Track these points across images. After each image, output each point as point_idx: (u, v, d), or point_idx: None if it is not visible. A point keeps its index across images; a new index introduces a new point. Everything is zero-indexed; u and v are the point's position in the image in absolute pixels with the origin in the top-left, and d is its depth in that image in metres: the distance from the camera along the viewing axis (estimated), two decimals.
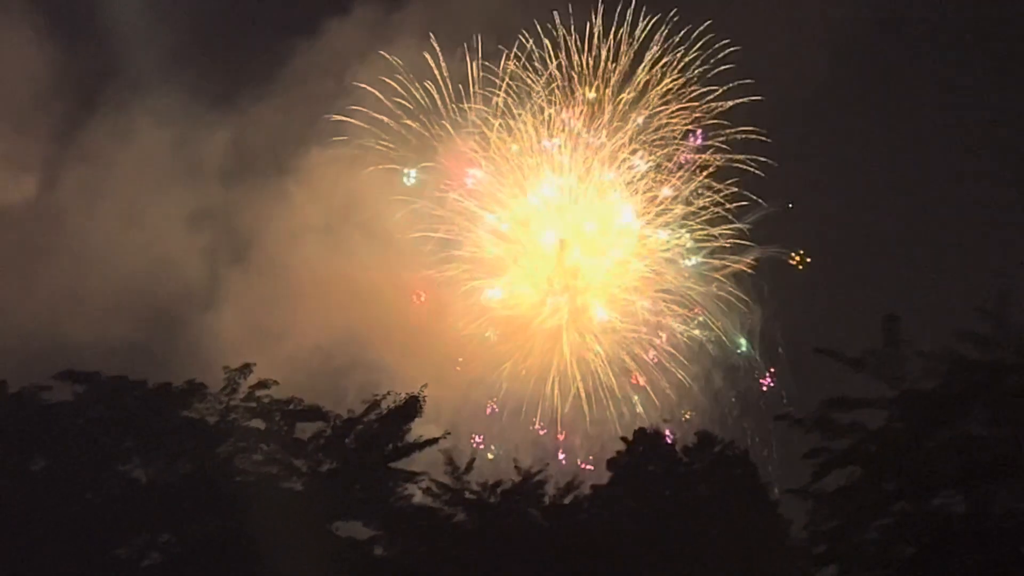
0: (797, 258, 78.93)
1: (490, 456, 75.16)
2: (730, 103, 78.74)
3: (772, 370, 77.81)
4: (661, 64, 79.59)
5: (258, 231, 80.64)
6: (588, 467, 74.28)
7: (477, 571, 44.98)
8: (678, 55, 79.46)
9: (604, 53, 79.22)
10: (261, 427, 47.17)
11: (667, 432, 50.25)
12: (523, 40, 79.18)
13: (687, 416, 76.36)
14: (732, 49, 79.10)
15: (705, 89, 79.42)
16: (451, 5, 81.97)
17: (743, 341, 78.29)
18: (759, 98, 78.04)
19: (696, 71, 79.21)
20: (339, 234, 78.74)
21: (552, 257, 78.80)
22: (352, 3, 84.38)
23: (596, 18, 79.33)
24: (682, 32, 79.64)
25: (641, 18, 79.49)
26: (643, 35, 79.40)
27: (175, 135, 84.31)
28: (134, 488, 45.63)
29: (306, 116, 79.57)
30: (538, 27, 79.46)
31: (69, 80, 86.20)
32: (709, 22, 79.50)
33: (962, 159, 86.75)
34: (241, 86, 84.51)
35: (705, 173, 79.10)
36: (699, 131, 79.22)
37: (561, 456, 76.41)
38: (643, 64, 79.46)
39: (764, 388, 77.64)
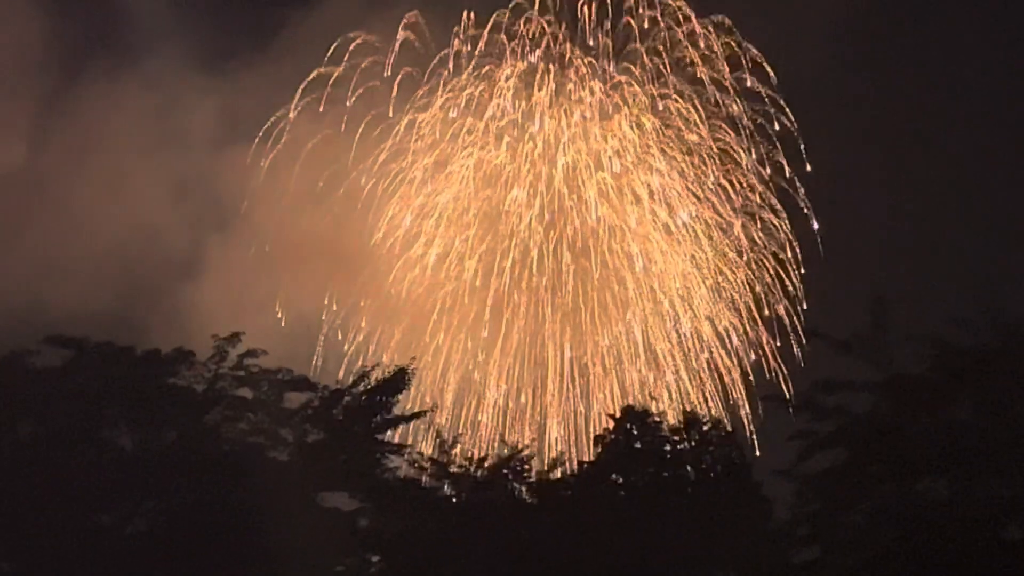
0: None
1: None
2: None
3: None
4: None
5: (243, 199, 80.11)
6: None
7: (461, 544, 45.08)
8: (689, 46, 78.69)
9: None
10: (248, 396, 47.15)
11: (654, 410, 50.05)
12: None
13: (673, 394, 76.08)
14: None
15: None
16: None
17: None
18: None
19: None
20: (326, 203, 78.40)
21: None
22: None
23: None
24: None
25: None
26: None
27: (162, 102, 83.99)
28: (119, 455, 45.56)
29: (294, 84, 79.02)
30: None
31: (55, 45, 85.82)
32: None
33: (955, 145, 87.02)
34: (230, 53, 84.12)
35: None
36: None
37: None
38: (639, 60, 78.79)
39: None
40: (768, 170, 76.47)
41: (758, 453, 68.10)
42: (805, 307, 75.49)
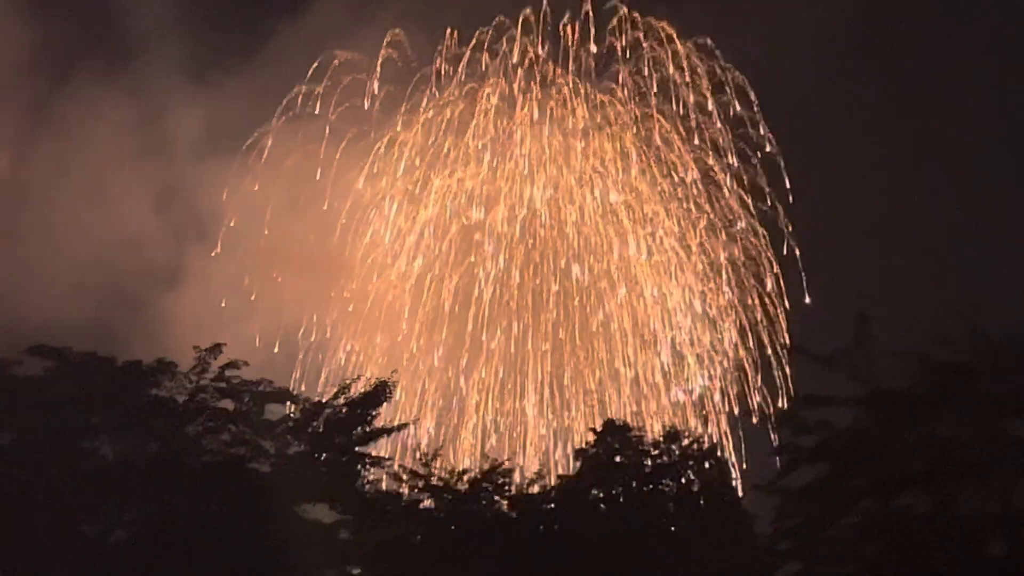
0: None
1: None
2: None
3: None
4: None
5: (225, 211, 79.92)
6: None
7: (442, 557, 45.00)
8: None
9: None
10: (230, 408, 47.10)
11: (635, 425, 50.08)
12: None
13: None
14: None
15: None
16: None
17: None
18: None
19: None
20: (306, 218, 78.27)
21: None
22: None
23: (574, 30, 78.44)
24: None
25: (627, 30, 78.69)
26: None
27: (145, 111, 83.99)
28: (101, 465, 45.40)
29: (278, 97, 78.94)
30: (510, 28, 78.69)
31: (40, 54, 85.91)
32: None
33: (938, 164, 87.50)
34: (215, 64, 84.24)
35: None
36: None
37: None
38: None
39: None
40: (749, 195, 76.78)
41: (740, 468, 68.47)
42: (787, 325, 75.71)
